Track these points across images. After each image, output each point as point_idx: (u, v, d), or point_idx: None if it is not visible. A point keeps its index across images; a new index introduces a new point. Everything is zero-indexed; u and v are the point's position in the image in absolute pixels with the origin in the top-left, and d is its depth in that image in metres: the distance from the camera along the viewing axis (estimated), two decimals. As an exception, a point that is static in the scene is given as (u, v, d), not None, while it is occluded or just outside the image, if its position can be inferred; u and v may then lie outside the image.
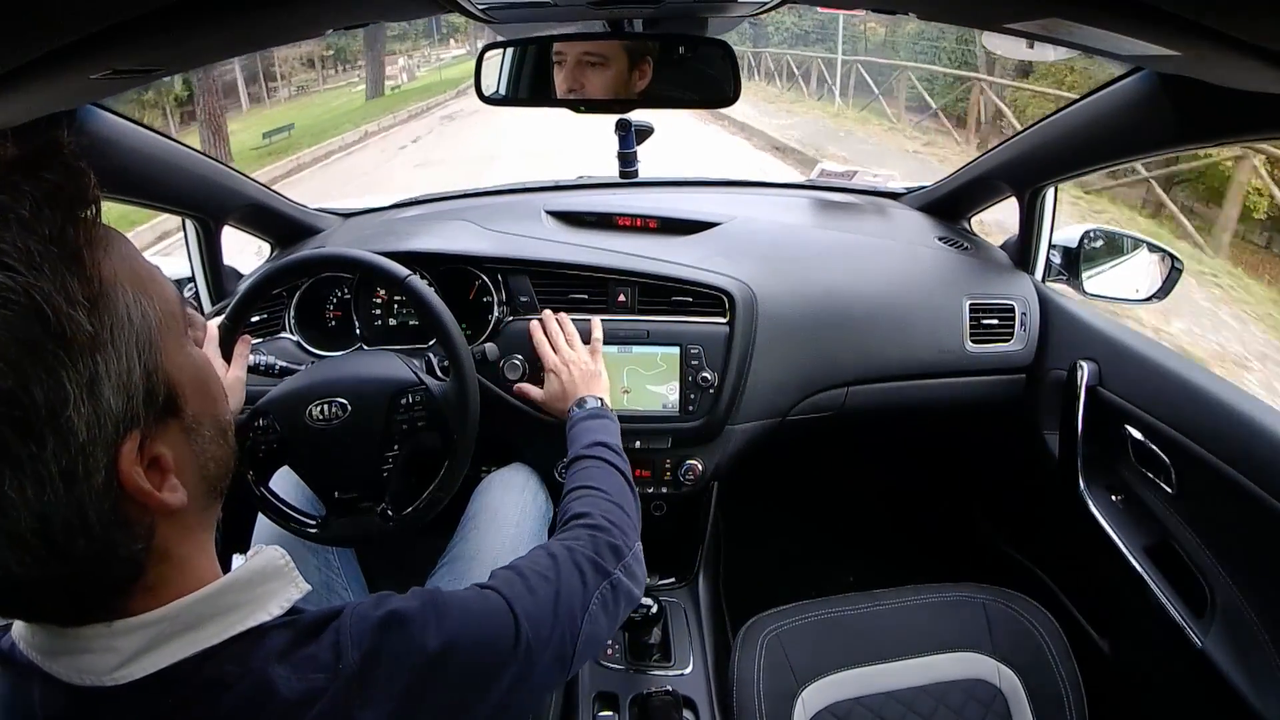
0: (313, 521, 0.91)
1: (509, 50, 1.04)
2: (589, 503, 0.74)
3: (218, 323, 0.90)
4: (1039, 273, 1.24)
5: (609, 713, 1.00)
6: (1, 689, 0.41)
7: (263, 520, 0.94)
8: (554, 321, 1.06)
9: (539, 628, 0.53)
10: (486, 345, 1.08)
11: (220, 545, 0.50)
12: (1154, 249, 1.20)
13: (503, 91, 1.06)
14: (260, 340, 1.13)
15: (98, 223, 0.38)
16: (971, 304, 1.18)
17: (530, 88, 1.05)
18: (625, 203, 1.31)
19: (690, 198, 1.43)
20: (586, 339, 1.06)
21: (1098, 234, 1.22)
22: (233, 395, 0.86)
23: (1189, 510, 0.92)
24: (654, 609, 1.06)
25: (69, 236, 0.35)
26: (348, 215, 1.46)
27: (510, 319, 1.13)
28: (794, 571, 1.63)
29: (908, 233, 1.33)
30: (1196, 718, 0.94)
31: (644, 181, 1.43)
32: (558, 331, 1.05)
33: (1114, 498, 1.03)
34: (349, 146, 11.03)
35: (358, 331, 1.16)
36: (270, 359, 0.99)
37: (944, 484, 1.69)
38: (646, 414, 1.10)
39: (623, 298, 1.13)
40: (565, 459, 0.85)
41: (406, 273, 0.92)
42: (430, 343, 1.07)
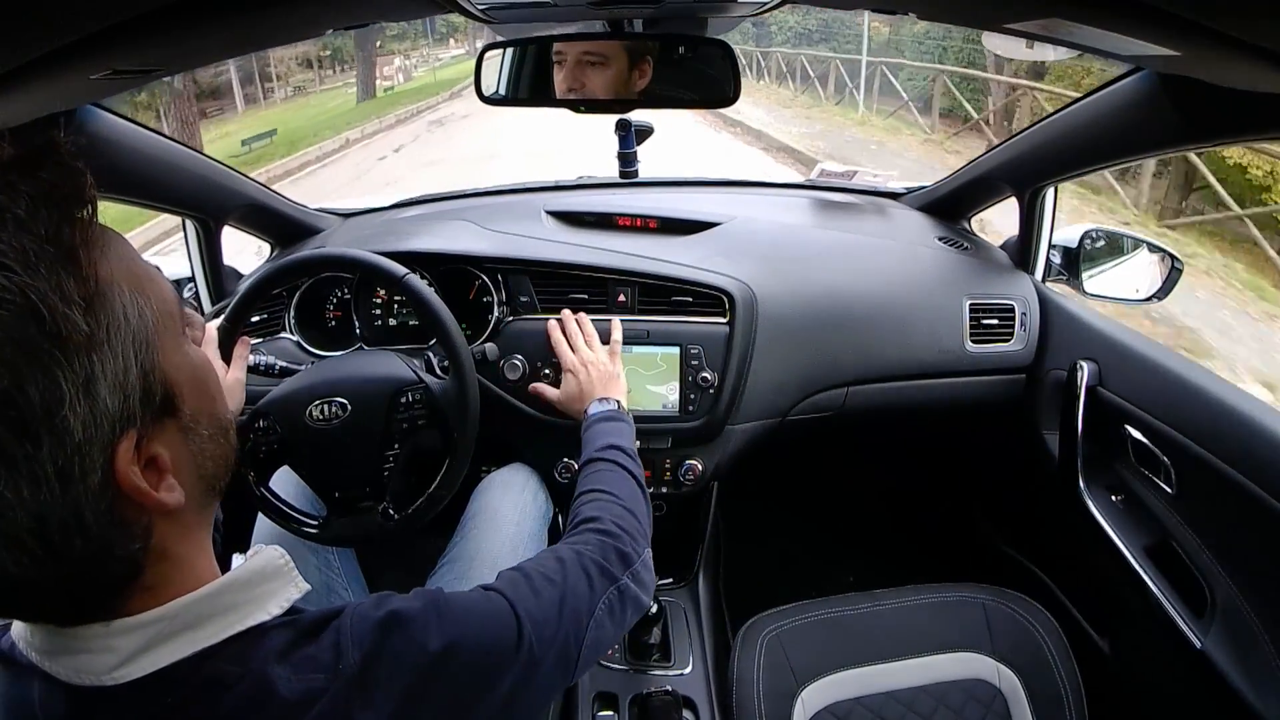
0: (313, 521, 0.91)
1: (509, 50, 1.04)
2: (600, 507, 0.73)
3: (216, 324, 0.89)
4: (1039, 273, 1.24)
5: (609, 713, 1.00)
6: (1, 689, 0.41)
7: (263, 520, 0.94)
8: (573, 321, 1.05)
9: (542, 630, 0.53)
10: (486, 345, 1.08)
11: (220, 545, 0.50)
12: (1154, 249, 1.20)
13: (502, 91, 1.06)
14: (260, 340, 1.14)
15: (94, 222, 0.38)
16: (971, 304, 1.18)
17: (530, 88, 1.05)
18: (625, 203, 1.31)
19: (690, 198, 1.43)
20: (605, 339, 1.05)
21: (1098, 234, 1.22)
22: (232, 396, 0.86)
23: (1189, 510, 0.92)
24: (654, 609, 1.06)
25: (65, 236, 0.35)
26: (348, 215, 1.47)
27: (510, 319, 1.13)
28: (794, 571, 1.63)
29: (908, 233, 1.33)
30: (1196, 718, 0.94)
31: (644, 181, 1.43)
32: (576, 332, 1.04)
33: (1114, 498, 1.03)
34: (326, 157, 10.16)
35: (358, 331, 1.16)
36: (270, 359, 0.99)
37: (944, 484, 1.69)
38: (646, 414, 1.09)
39: (623, 298, 1.13)
40: (579, 459, 0.85)
41: (404, 271, 0.92)
42: (430, 342, 1.07)
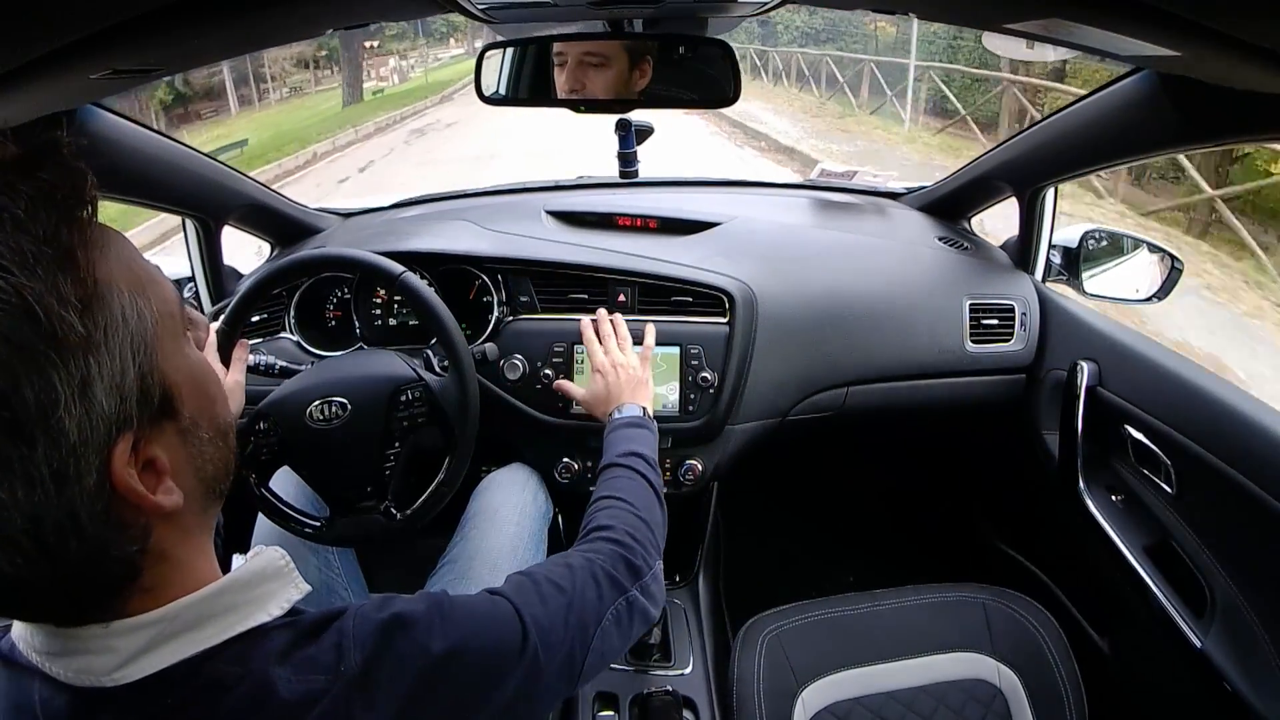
0: (315, 522, 0.91)
1: (509, 50, 1.04)
2: (614, 515, 0.72)
3: (215, 327, 0.89)
4: (1039, 273, 1.24)
5: (609, 713, 1.00)
6: (2, 690, 0.41)
7: (263, 521, 0.94)
8: (607, 322, 1.03)
9: (547, 637, 0.53)
10: (486, 345, 1.08)
11: (221, 547, 0.50)
12: (1154, 249, 1.20)
13: (502, 91, 1.06)
14: (260, 340, 1.14)
15: (94, 223, 0.38)
16: (971, 304, 1.18)
17: (530, 88, 1.05)
18: (625, 203, 1.31)
19: (690, 198, 1.43)
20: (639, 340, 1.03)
21: (1098, 234, 1.22)
22: (232, 399, 0.86)
23: (1189, 510, 0.91)
24: None
25: (63, 237, 0.35)
26: (348, 215, 1.47)
27: (510, 319, 1.13)
28: (794, 571, 1.63)
29: (908, 233, 1.33)
30: (1196, 718, 0.94)
31: (644, 181, 1.43)
32: (610, 333, 1.02)
33: (1114, 498, 1.03)
34: (286, 176, 8.76)
35: (358, 331, 1.16)
36: (270, 359, 0.99)
37: (944, 484, 1.69)
38: None
39: (623, 298, 1.13)
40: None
41: (401, 269, 0.92)
42: (431, 342, 1.07)
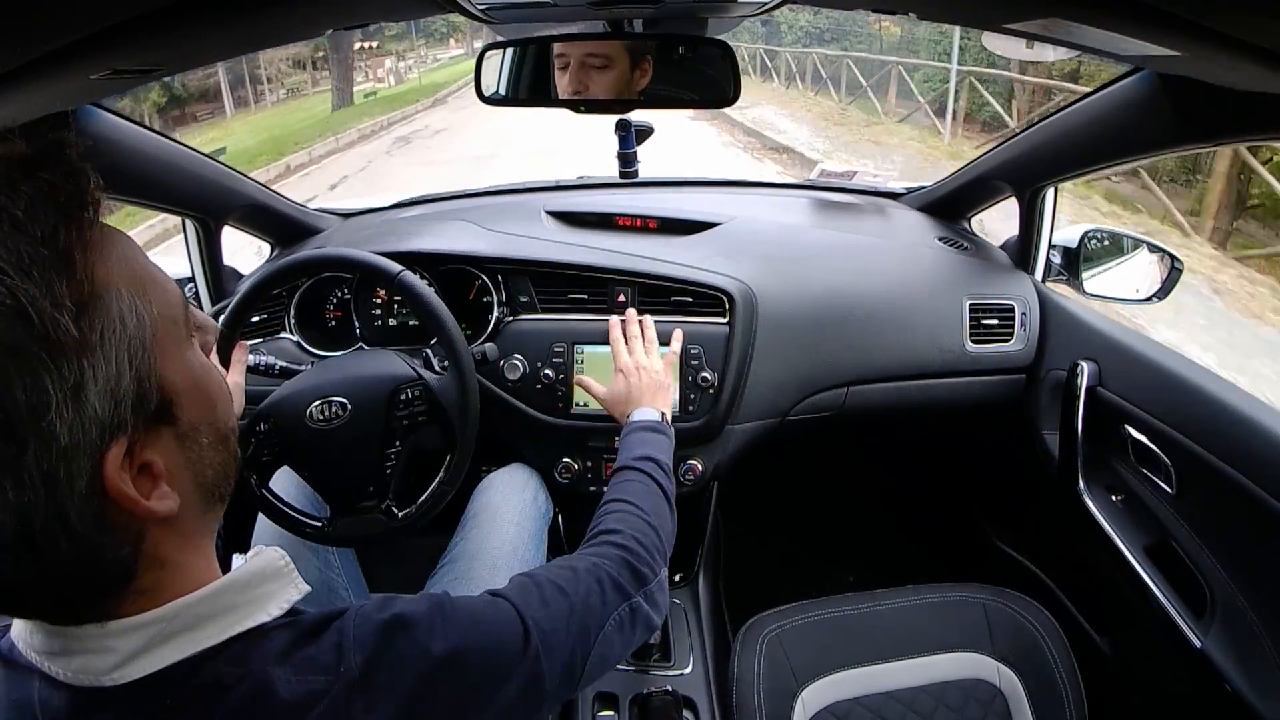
0: (316, 522, 0.91)
1: (509, 51, 1.04)
2: (622, 520, 0.72)
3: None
4: (1039, 273, 1.24)
5: (609, 713, 1.00)
6: (1, 689, 0.41)
7: (263, 521, 0.94)
8: (635, 323, 1.04)
9: (549, 639, 0.52)
10: (486, 345, 1.08)
11: (221, 546, 0.50)
12: (1154, 249, 1.20)
13: (502, 92, 1.06)
14: (260, 340, 1.14)
15: (95, 224, 0.37)
16: (971, 304, 1.18)
17: (530, 88, 1.05)
18: (625, 203, 1.30)
19: (690, 198, 1.43)
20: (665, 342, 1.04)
21: (1098, 234, 1.22)
22: (232, 401, 0.86)
23: (1189, 510, 0.91)
24: None
25: (61, 238, 0.35)
26: (348, 215, 1.46)
27: (510, 319, 1.13)
28: (794, 571, 1.63)
29: (908, 233, 1.33)
30: (1196, 718, 0.94)
31: (644, 181, 1.43)
32: (637, 335, 1.03)
33: (1114, 498, 1.03)
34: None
35: (358, 331, 1.16)
36: (270, 359, 0.99)
37: (944, 484, 1.69)
38: None
39: (622, 298, 1.13)
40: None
41: (399, 269, 0.92)
42: (431, 342, 1.07)
